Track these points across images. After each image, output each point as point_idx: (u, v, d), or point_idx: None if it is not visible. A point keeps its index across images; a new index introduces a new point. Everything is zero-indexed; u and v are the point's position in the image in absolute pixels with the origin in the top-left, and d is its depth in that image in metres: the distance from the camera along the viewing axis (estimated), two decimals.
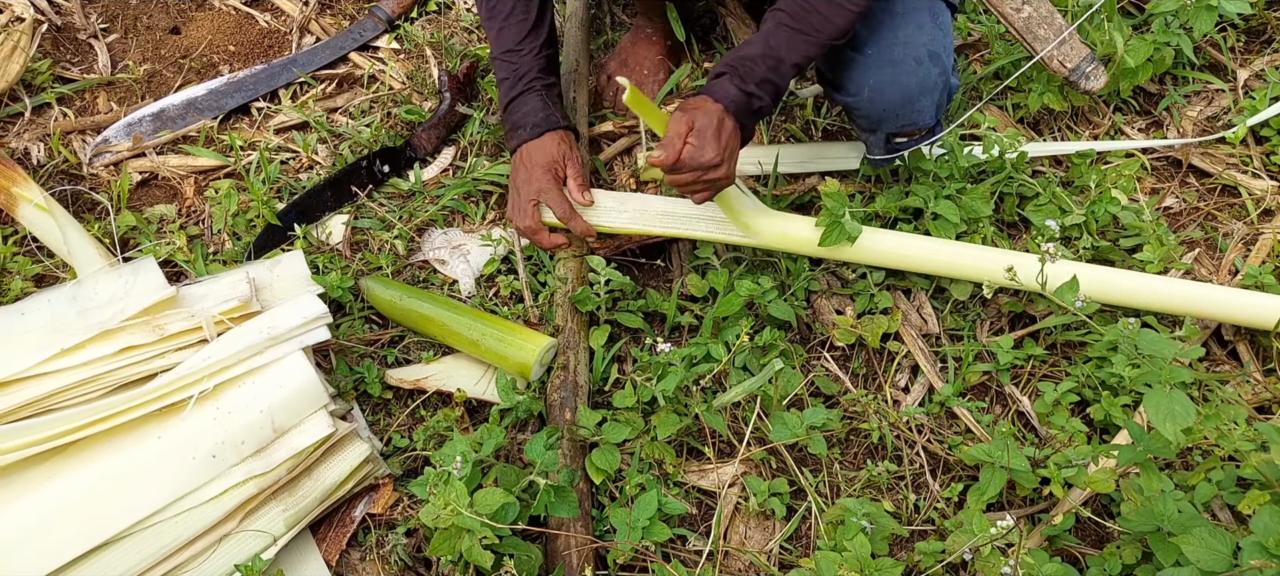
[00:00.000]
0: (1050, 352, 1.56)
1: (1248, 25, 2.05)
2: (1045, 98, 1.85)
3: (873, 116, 1.57)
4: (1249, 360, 1.55)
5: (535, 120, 1.63)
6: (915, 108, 1.54)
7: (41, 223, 1.66)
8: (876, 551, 1.25)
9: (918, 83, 1.51)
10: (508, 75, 1.66)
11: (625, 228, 1.61)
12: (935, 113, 1.57)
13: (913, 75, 1.50)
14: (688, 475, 1.44)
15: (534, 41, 1.66)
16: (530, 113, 1.64)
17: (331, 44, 2.13)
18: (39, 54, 2.03)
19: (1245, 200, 1.77)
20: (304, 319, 1.42)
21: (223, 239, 1.74)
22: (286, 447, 1.33)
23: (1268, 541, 0.99)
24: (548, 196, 1.59)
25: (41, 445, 1.28)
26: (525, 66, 1.66)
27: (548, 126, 1.63)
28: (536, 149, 1.61)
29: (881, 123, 1.58)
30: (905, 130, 1.59)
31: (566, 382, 1.48)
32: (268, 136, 1.93)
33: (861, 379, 1.57)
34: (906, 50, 1.50)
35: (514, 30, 1.64)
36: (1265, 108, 1.85)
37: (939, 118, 1.59)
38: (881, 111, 1.55)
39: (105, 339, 1.39)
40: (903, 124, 1.57)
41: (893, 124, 1.57)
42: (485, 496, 1.17)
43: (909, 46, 1.50)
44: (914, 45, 1.50)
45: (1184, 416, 1.10)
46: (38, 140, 1.87)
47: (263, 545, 1.28)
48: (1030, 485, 1.34)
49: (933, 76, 1.51)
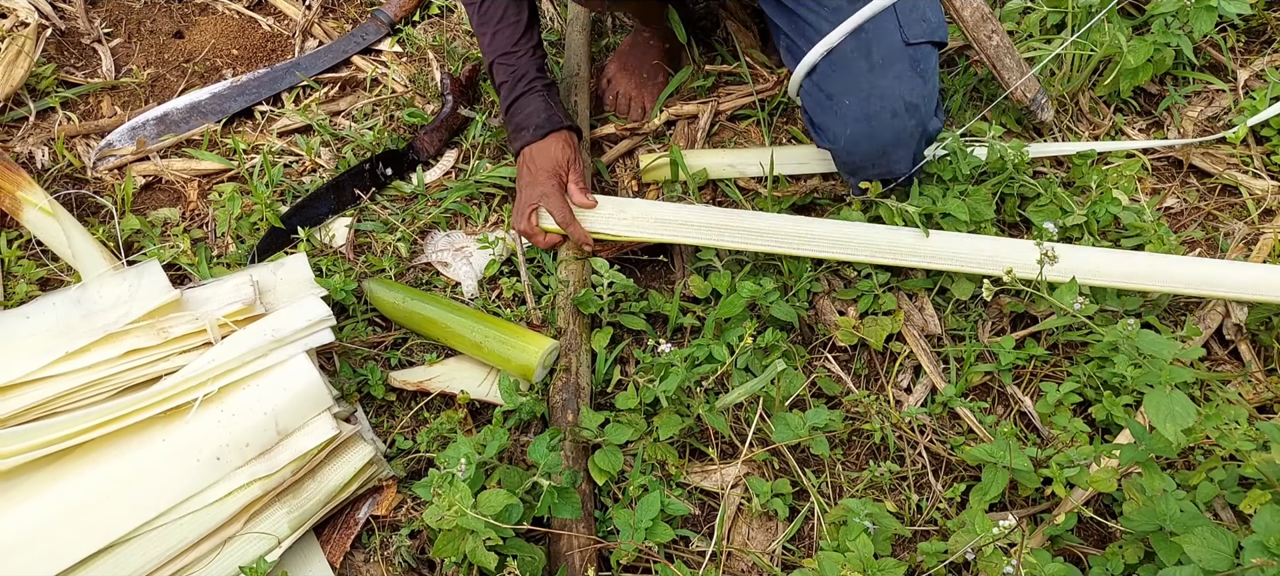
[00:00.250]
0: (1052, 353, 1.56)
1: (1248, 25, 2.05)
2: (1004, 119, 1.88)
3: (849, 165, 1.59)
4: (1251, 360, 1.55)
5: (538, 121, 1.64)
6: (890, 159, 1.56)
7: (46, 226, 1.67)
8: (879, 551, 1.26)
9: (892, 136, 1.52)
10: (506, 78, 1.68)
11: (623, 235, 1.62)
12: (912, 162, 1.58)
13: (888, 128, 1.51)
14: (690, 476, 1.44)
15: (528, 43, 1.68)
16: (533, 114, 1.65)
17: (334, 48, 2.13)
18: (43, 58, 2.04)
19: (1246, 200, 1.77)
20: (308, 321, 1.42)
21: (226, 242, 1.75)
22: (290, 450, 1.33)
23: (1269, 540, 0.99)
24: (549, 202, 1.60)
25: (47, 448, 1.29)
26: (522, 67, 1.67)
27: (551, 127, 1.64)
28: (539, 151, 1.62)
29: (857, 172, 1.60)
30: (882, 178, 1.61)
31: (569, 384, 1.48)
32: (271, 140, 1.94)
33: (864, 379, 1.58)
34: (883, 103, 1.50)
35: (507, 33, 1.66)
36: (1265, 108, 1.85)
37: (914, 164, 1.60)
38: (857, 161, 1.57)
39: (110, 342, 1.39)
40: (878, 174, 1.59)
41: (868, 173, 1.59)
42: (489, 497, 1.17)
43: (886, 99, 1.50)
44: (891, 98, 1.50)
45: (1184, 416, 1.10)
46: (42, 144, 1.88)
47: (267, 547, 1.28)
48: (1032, 485, 1.35)
49: (908, 128, 1.52)
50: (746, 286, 1.53)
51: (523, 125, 1.65)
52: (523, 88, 1.67)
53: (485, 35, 1.69)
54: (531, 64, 1.68)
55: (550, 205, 1.60)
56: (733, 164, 1.80)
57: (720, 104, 1.96)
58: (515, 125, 1.67)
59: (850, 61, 1.51)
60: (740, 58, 2.00)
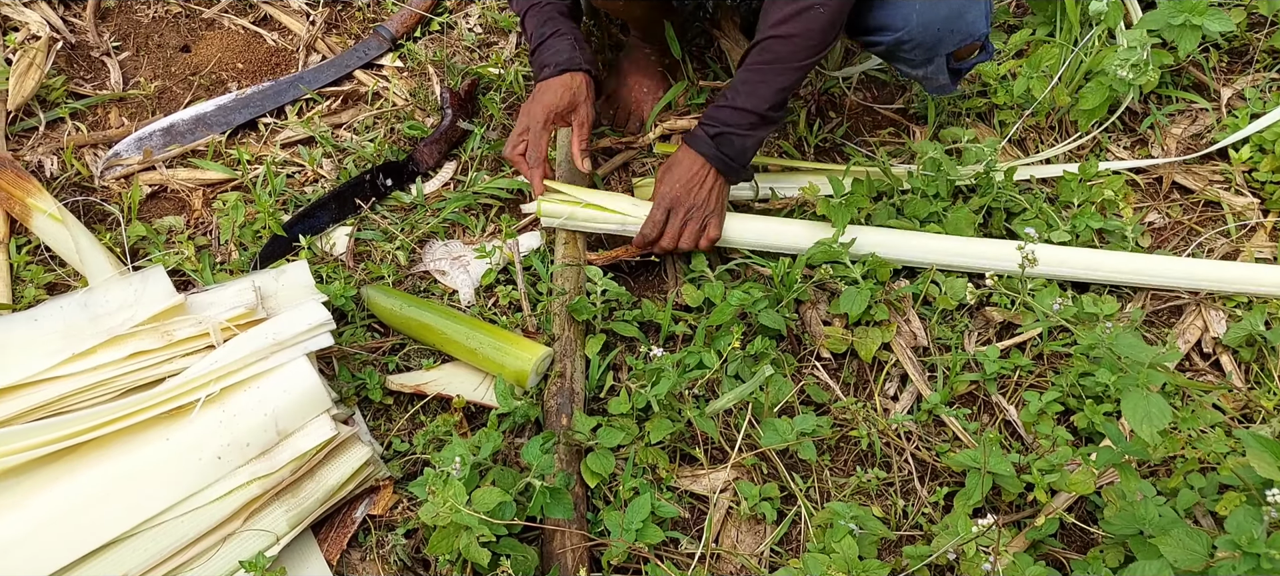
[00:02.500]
0: (1036, 363, 1.59)
1: (1230, 45, 2.10)
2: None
3: (928, 43, 1.56)
4: (1232, 370, 1.59)
5: (559, 60, 1.68)
6: (966, 18, 1.55)
7: (55, 233, 1.71)
8: (864, 554, 1.29)
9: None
10: (535, 26, 1.73)
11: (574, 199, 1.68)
12: (985, 21, 1.58)
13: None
14: (681, 480, 1.47)
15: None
16: (556, 53, 1.69)
17: (337, 62, 2.18)
18: (54, 71, 2.09)
19: (1227, 215, 1.81)
20: (308, 325, 1.46)
21: (230, 249, 1.78)
22: (290, 450, 1.37)
23: (1240, 538, 1.02)
24: (531, 134, 1.65)
25: (53, 446, 1.32)
26: (550, 12, 1.73)
27: (569, 66, 1.67)
28: (546, 88, 1.67)
29: (938, 46, 1.57)
30: (964, 46, 1.59)
31: (563, 389, 1.52)
32: (274, 151, 1.98)
33: (851, 387, 1.61)
34: None
35: None
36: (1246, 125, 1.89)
37: (989, 26, 1.60)
38: (936, 34, 1.54)
39: (115, 344, 1.43)
40: (960, 40, 1.57)
41: (950, 43, 1.57)
42: (483, 495, 1.21)
43: None
44: None
45: (1160, 417, 1.13)
46: (51, 154, 1.92)
47: (266, 544, 1.31)
48: (1015, 490, 1.37)
49: None
50: (736, 294, 1.56)
51: (545, 62, 1.69)
52: (548, 29, 1.71)
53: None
54: (556, 10, 1.73)
55: (530, 138, 1.64)
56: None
57: None
58: (539, 63, 1.71)
59: None
60: (733, 74, 2.04)
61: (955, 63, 1.64)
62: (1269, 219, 1.80)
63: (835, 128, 2.00)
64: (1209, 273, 1.65)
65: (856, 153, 1.95)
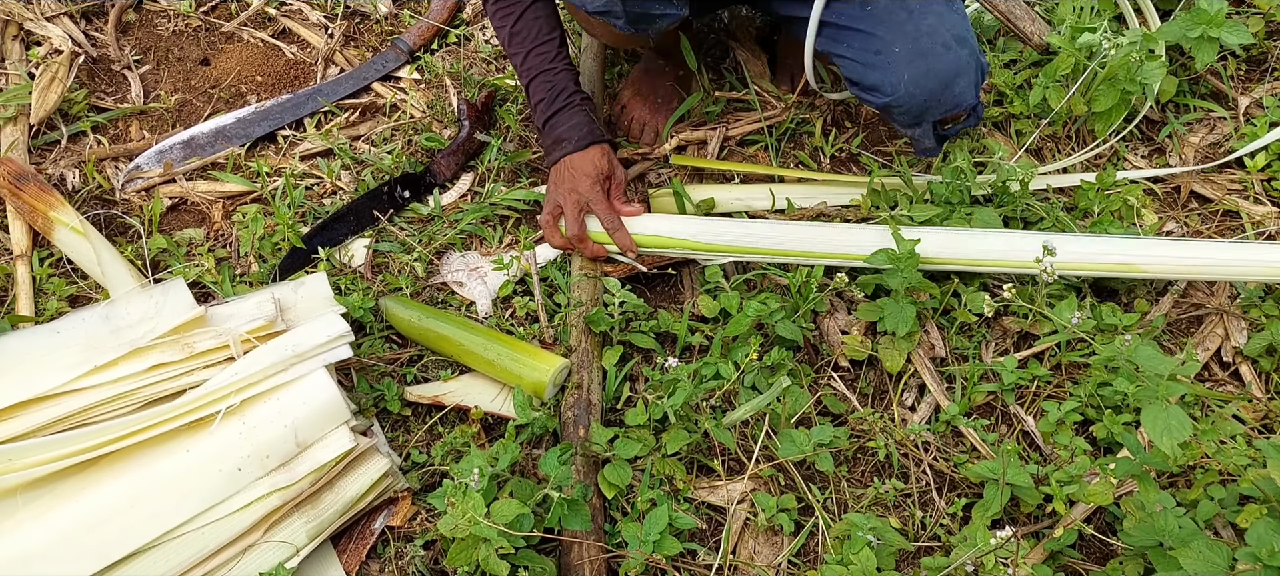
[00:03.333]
0: (1055, 373, 1.59)
1: (1248, 54, 2.09)
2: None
3: (915, 110, 1.58)
4: (1252, 380, 1.58)
5: (580, 134, 1.70)
6: (954, 91, 1.57)
7: (77, 245, 1.73)
8: (882, 566, 1.28)
9: (951, 67, 1.54)
10: (545, 94, 1.74)
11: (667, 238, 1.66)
12: (975, 92, 1.60)
13: (944, 60, 1.53)
14: (698, 491, 1.47)
15: (563, 60, 1.75)
16: (576, 127, 1.71)
17: (355, 75, 2.20)
18: (76, 85, 2.11)
19: (1245, 225, 1.80)
20: (327, 337, 1.47)
21: (249, 261, 1.80)
22: (309, 461, 1.37)
23: (1261, 551, 1.01)
24: (597, 206, 1.66)
25: (75, 458, 1.34)
26: (561, 83, 1.74)
27: (593, 139, 1.70)
28: (583, 160, 1.68)
29: (925, 113, 1.59)
30: (951, 115, 1.61)
31: (581, 401, 1.52)
32: (293, 163, 2.00)
33: (869, 398, 1.61)
34: (932, 40, 1.53)
35: (543, 51, 1.73)
36: (1265, 134, 1.88)
37: (978, 97, 1.62)
38: (923, 102, 1.57)
39: (136, 356, 1.44)
40: (947, 109, 1.59)
41: (937, 111, 1.59)
42: (501, 507, 1.21)
43: (934, 35, 1.53)
44: (939, 33, 1.53)
45: (1181, 430, 1.13)
46: (73, 167, 1.95)
47: (285, 555, 1.32)
48: (1033, 501, 1.37)
49: (963, 58, 1.55)
50: (752, 305, 1.56)
51: (564, 137, 1.71)
52: (562, 101, 1.73)
53: (519, 55, 1.74)
54: (568, 80, 1.75)
55: (598, 209, 1.66)
56: (741, 197, 1.85)
57: (729, 129, 2.01)
58: (555, 138, 1.72)
59: (889, 13, 1.53)
60: (749, 85, 2.05)
61: (941, 129, 1.67)
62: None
63: (851, 138, 2.00)
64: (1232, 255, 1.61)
65: (873, 163, 1.95)
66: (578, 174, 1.68)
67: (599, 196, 1.67)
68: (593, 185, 1.68)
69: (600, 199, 1.67)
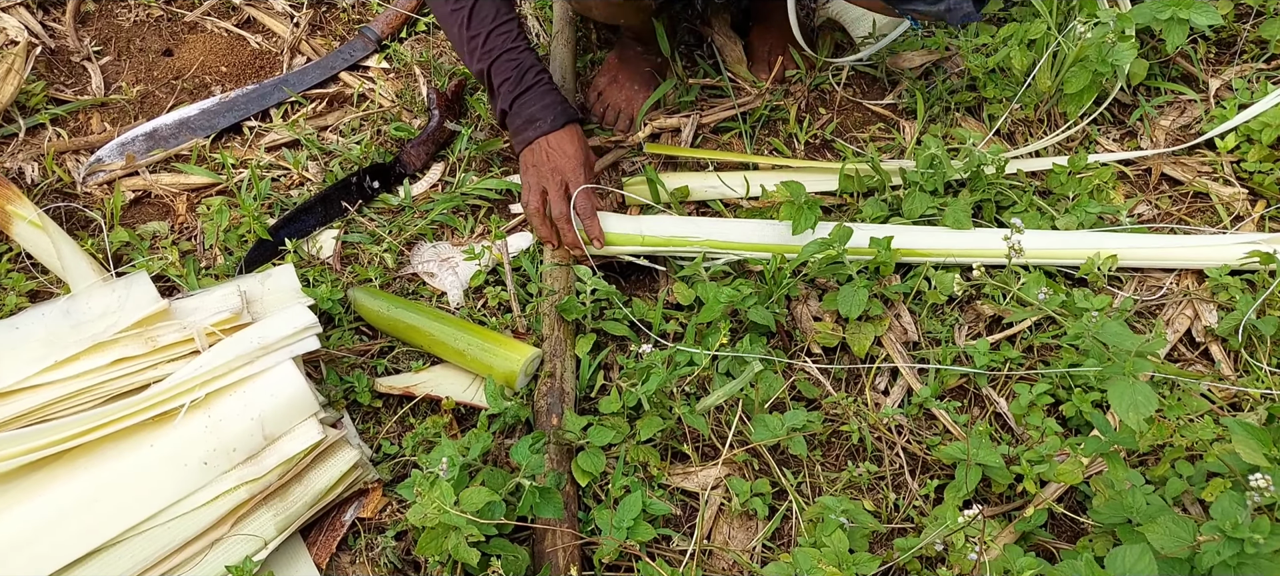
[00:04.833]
0: (1026, 355, 1.59)
1: (1218, 37, 2.10)
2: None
3: None
4: (1221, 359, 1.59)
5: (555, 113, 1.67)
6: None
7: (36, 239, 1.69)
8: (855, 547, 1.28)
9: None
10: (510, 74, 1.69)
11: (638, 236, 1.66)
12: None
13: None
14: (672, 477, 1.47)
15: (523, 40, 1.71)
16: (549, 106, 1.67)
17: (322, 64, 2.17)
18: (33, 76, 2.07)
19: (1216, 205, 1.81)
20: (294, 328, 1.45)
21: (214, 254, 1.77)
22: (277, 454, 1.35)
23: (1224, 524, 1.02)
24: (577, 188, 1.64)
25: (37, 453, 1.31)
26: (527, 61, 1.70)
27: (569, 118, 1.67)
28: (562, 139, 1.65)
29: None
30: None
31: (553, 389, 1.51)
32: (259, 154, 1.96)
33: (842, 382, 1.60)
34: None
35: (503, 32, 1.69)
36: (1234, 115, 1.90)
37: None
38: None
39: (99, 351, 1.41)
40: None
41: None
42: (471, 494, 1.20)
43: None
44: None
45: (1146, 405, 1.13)
46: (32, 160, 1.91)
47: (254, 549, 1.30)
48: (1005, 481, 1.37)
49: None
50: (724, 292, 1.56)
51: (537, 117, 1.67)
52: (531, 80, 1.69)
53: (479, 35, 1.69)
54: (533, 59, 1.71)
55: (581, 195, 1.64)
56: (714, 185, 1.84)
57: (703, 116, 2.00)
58: (525, 118, 1.69)
59: None
60: (723, 72, 2.04)
61: None
62: (1257, 208, 1.80)
63: (825, 124, 1.99)
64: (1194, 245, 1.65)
65: (847, 149, 1.94)
66: (558, 153, 1.65)
67: (583, 178, 1.64)
68: (577, 166, 1.65)
69: (584, 180, 1.65)
